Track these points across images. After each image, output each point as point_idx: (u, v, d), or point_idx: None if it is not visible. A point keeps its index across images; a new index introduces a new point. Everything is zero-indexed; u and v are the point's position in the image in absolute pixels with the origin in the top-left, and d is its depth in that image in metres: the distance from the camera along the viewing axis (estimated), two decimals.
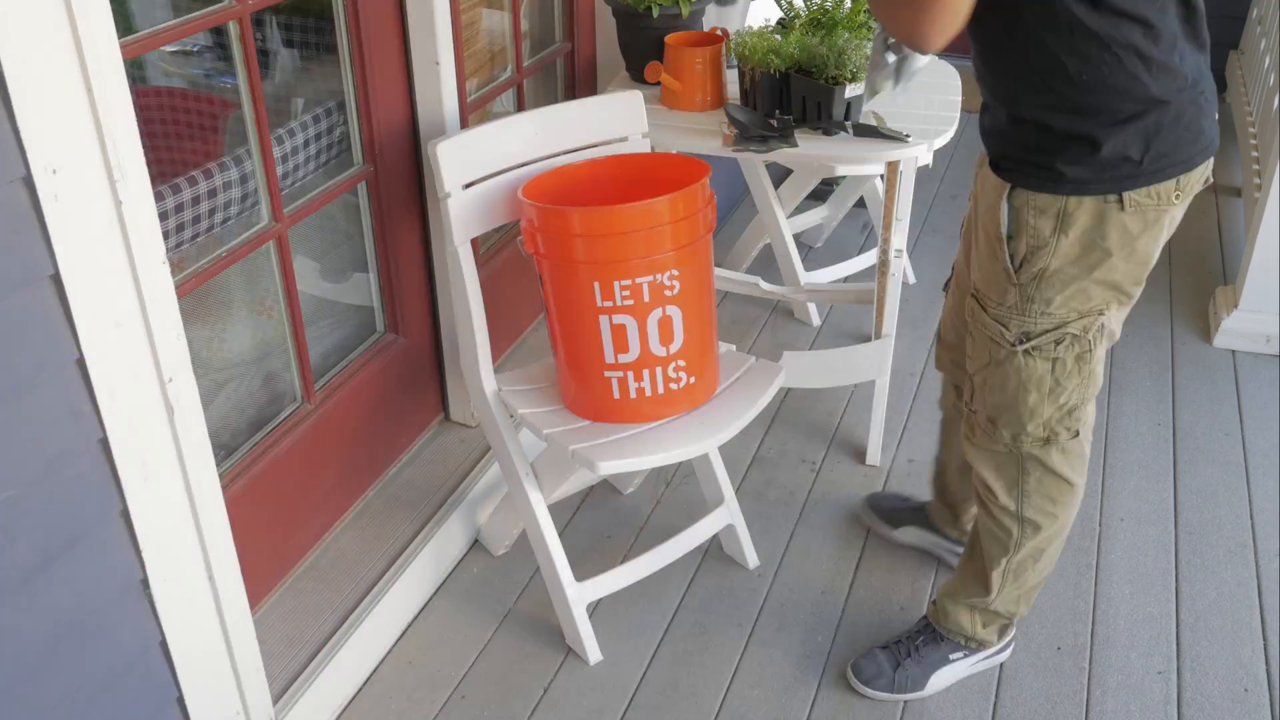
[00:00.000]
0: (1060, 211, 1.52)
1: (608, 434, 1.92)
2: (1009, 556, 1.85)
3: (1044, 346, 1.63)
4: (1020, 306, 1.62)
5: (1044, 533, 1.82)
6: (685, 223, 1.81)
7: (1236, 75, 4.53)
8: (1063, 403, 1.69)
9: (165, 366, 1.37)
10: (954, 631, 1.99)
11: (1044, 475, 1.76)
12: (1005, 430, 1.73)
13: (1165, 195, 1.52)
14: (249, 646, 1.66)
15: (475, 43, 2.47)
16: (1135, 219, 1.52)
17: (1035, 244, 1.56)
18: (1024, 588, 1.91)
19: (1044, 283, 1.58)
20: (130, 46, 1.51)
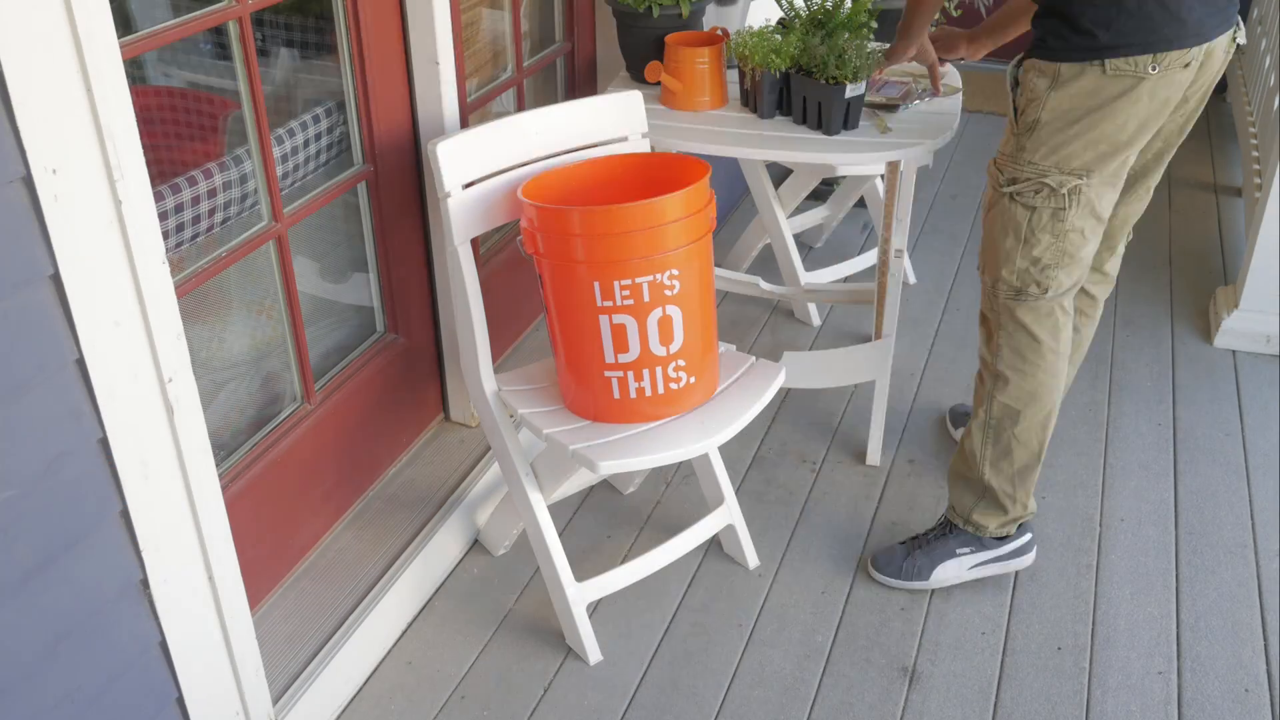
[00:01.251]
0: (1055, 73, 1.80)
1: (608, 434, 1.92)
2: (985, 409, 2.06)
3: (1025, 193, 1.87)
4: (1014, 154, 1.88)
5: (1012, 389, 2.01)
6: (685, 223, 1.81)
7: (1236, 75, 4.53)
8: (1036, 255, 1.90)
9: (165, 366, 1.37)
10: (956, 511, 2.17)
11: (1015, 329, 1.97)
12: (988, 275, 1.98)
13: (1142, 65, 1.76)
14: (249, 646, 1.66)
15: (475, 43, 2.47)
16: (1114, 82, 1.77)
17: (1031, 97, 1.83)
18: (1014, 465, 2.07)
19: (1034, 133, 1.84)
20: (130, 46, 1.51)
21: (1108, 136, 1.81)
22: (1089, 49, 1.76)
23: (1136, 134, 1.83)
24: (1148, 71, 1.76)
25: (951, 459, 2.20)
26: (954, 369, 2.94)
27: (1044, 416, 2.04)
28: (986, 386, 2.05)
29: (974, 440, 2.09)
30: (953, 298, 3.27)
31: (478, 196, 1.97)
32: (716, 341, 2.02)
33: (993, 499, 2.12)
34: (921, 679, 2.05)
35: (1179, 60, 1.77)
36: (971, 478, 2.12)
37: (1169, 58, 1.76)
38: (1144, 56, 1.75)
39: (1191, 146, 4.38)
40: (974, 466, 2.10)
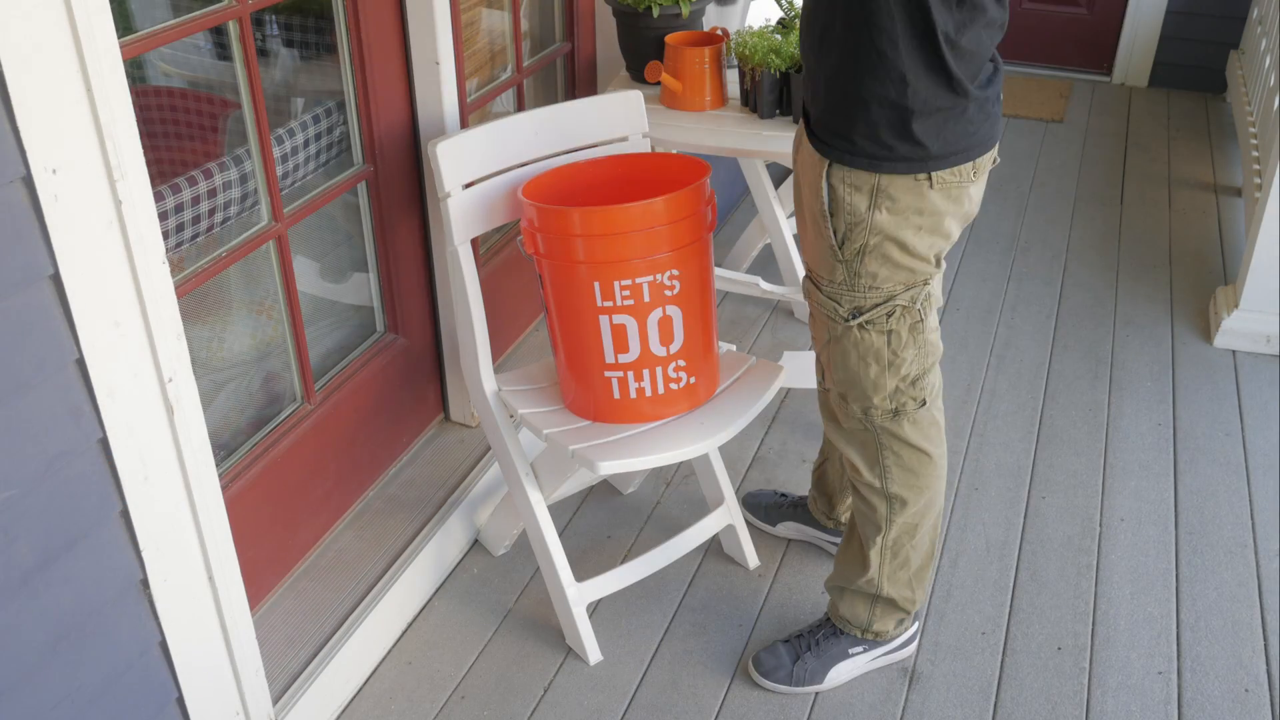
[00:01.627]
0: (873, 187, 1.59)
1: (608, 434, 1.92)
2: (882, 534, 1.88)
3: (876, 320, 1.69)
4: (849, 282, 1.67)
5: (911, 507, 1.86)
6: (685, 223, 1.81)
7: (1236, 75, 4.53)
8: (904, 374, 1.74)
9: (165, 366, 1.37)
10: (850, 623, 2.01)
11: (901, 448, 1.81)
12: (855, 405, 1.78)
13: (964, 174, 1.61)
14: (249, 646, 1.66)
15: (475, 43, 2.47)
16: (941, 196, 1.61)
17: (853, 220, 1.61)
18: (911, 570, 1.94)
19: (867, 257, 1.63)
20: (130, 46, 1.51)
21: (937, 243, 1.66)
22: (915, 160, 1.56)
23: (963, 225, 1.70)
24: (970, 178, 1.62)
25: (830, 577, 2.02)
26: (954, 369, 2.94)
27: (936, 518, 1.92)
28: (880, 512, 1.86)
29: (870, 565, 1.91)
30: (952, 298, 3.27)
31: (478, 196, 1.97)
32: (716, 341, 2.02)
33: (890, 605, 1.97)
34: (921, 679, 2.05)
35: (989, 160, 1.66)
36: (865, 593, 1.96)
37: (984, 161, 1.64)
38: (966, 165, 1.60)
39: (1191, 146, 4.39)
40: (869, 584, 1.94)
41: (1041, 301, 3.27)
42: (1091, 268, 3.46)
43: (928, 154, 1.56)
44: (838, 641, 2.02)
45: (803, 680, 2.00)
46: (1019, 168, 4.16)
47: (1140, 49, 4.94)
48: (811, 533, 2.32)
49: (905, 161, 1.56)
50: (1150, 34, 4.89)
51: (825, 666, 2.01)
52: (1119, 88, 5.01)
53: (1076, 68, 5.13)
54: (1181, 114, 4.71)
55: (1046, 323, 3.17)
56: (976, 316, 3.19)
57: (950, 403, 2.80)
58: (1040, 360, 2.99)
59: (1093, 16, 5.01)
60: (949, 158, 1.58)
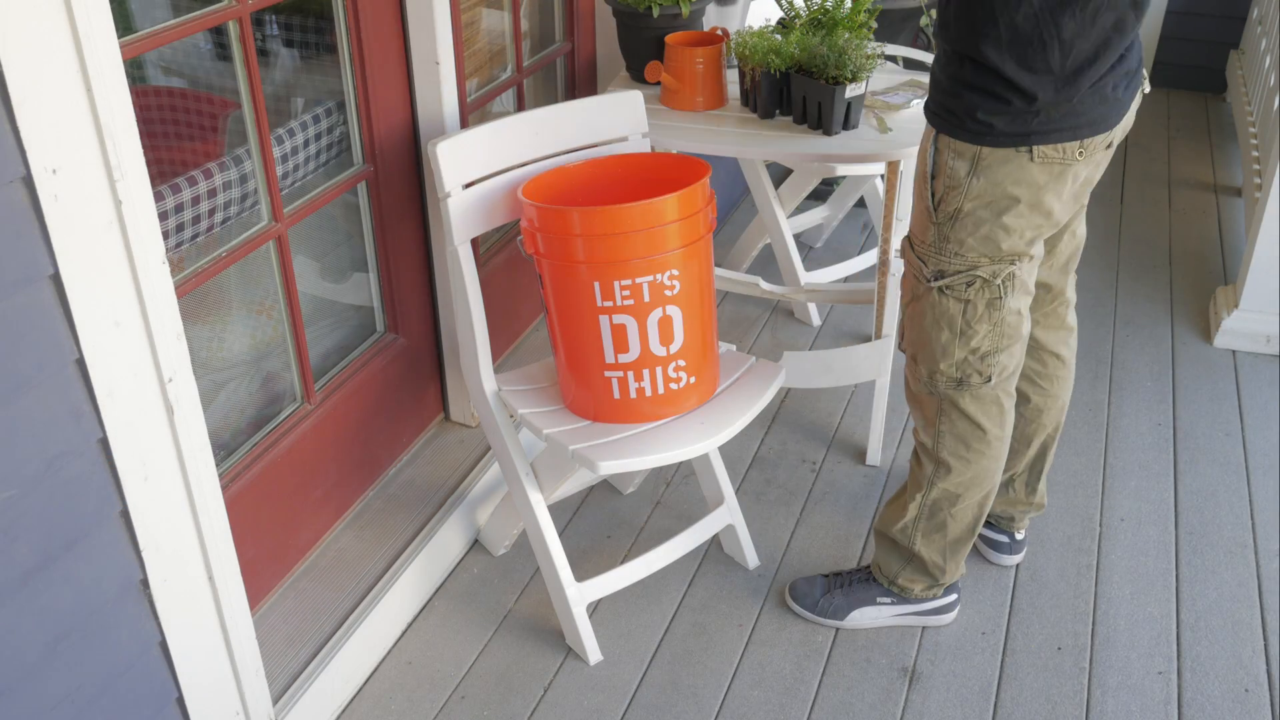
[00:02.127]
0: (975, 157, 1.65)
1: (608, 434, 1.92)
2: (923, 493, 1.96)
3: (956, 286, 1.74)
4: (937, 244, 1.73)
5: (955, 477, 1.92)
6: (685, 223, 1.81)
7: (1236, 75, 4.53)
8: (974, 346, 1.79)
9: (165, 366, 1.37)
10: (882, 571, 2.09)
11: (957, 418, 1.86)
12: (923, 366, 1.84)
13: (1070, 151, 1.65)
14: (249, 646, 1.66)
15: (475, 43, 2.47)
16: (1042, 170, 1.65)
17: (951, 184, 1.68)
18: (947, 538, 1.99)
19: (958, 223, 1.70)
20: (130, 46, 1.51)
21: (1035, 223, 1.70)
22: (1016, 134, 1.61)
23: (1064, 213, 1.73)
24: (1075, 158, 1.66)
25: (877, 519, 2.09)
26: None
27: (983, 496, 1.96)
28: (926, 471, 1.94)
29: (907, 513, 1.99)
30: None
31: (478, 196, 1.97)
32: (716, 341, 2.02)
33: (920, 567, 2.04)
34: (921, 679, 2.05)
35: (1103, 143, 1.68)
36: (900, 543, 2.03)
37: (1094, 142, 1.67)
38: (1072, 144, 1.64)
39: (1191, 146, 4.39)
40: (904, 534, 2.01)
41: None
42: (1091, 268, 3.46)
43: (1026, 127, 1.61)
44: (869, 587, 2.11)
45: (826, 612, 2.11)
46: None
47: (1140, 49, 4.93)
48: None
49: (1006, 135, 1.62)
50: (1150, 34, 4.89)
51: (850, 605, 2.10)
52: None
53: None
54: (1181, 114, 4.71)
55: None
56: None
57: None
58: None
59: None
60: (1052, 134, 1.62)
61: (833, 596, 2.11)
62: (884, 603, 2.10)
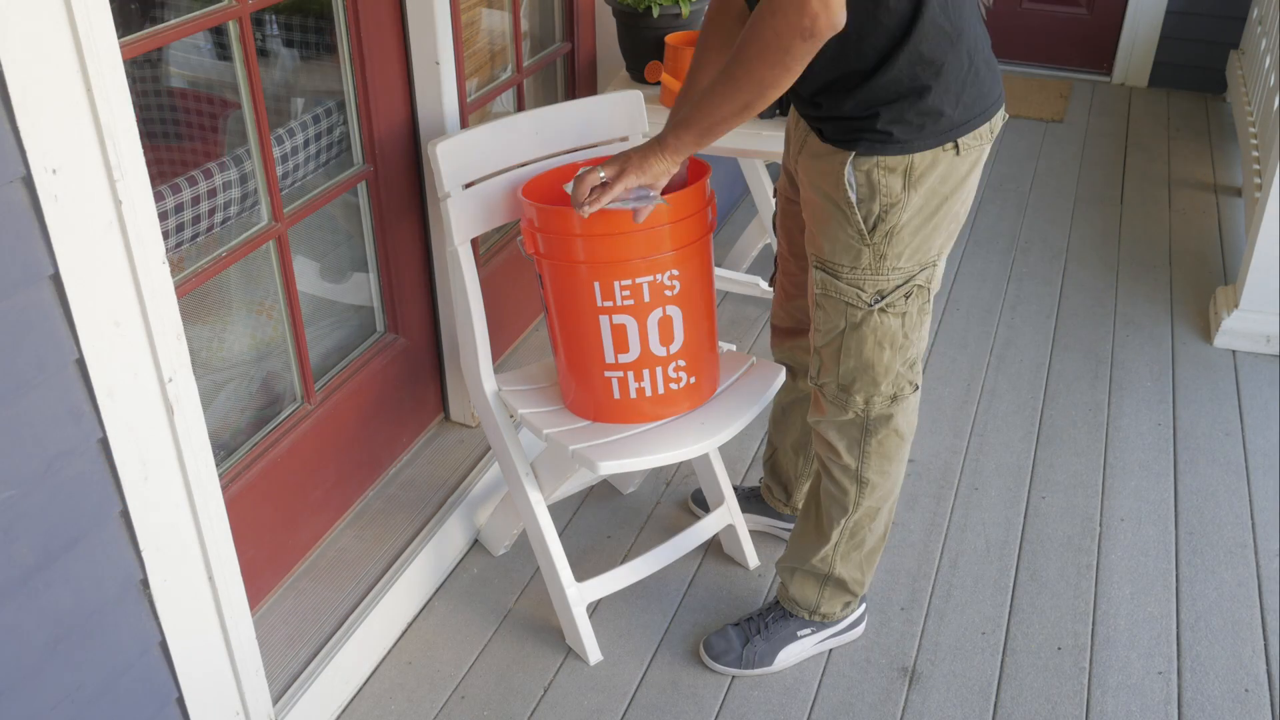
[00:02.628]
0: (907, 168, 1.61)
1: (608, 434, 1.92)
2: (847, 515, 1.92)
3: (895, 302, 1.71)
4: (874, 266, 1.68)
5: (878, 491, 1.90)
6: (685, 223, 1.81)
7: (1236, 75, 4.53)
8: (909, 356, 1.78)
9: (165, 366, 1.37)
10: (799, 605, 2.05)
11: (887, 435, 1.84)
12: (859, 395, 1.79)
13: (983, 134, 1.65)
14: (249, 646, 1.66)
15: (475, 43, 2.47)
16: (964, 161, 1.64)
17: (888, 202, 1.63)
18: (863, 552, 1.98)
19: (895, 239, 1.66)
20: (130, 46, 1.51)
21: (958, 214, 1.70)
22: (941, 132, 1.60)
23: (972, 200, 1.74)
24: (988, 137, 1.66)
25: (782, 558, 2.07)
26: (954, 369, 2.94)
27: (894, 500, 1.95)
28: (850, 494, 1.89)
29: (828, 542, 1.95)
30: (952, 297, 3.27)
31: (478, 196, 1.97)
32: (716, 342, 2.02)
33: (840, 587, 2.02)
34: (921, 679, 2.05)
35: (1000, 119, 1.70)
36: (818, 571, 2.00)
37: (996, 118, 1.68)
38: (984, 125, 1.64)
39: (1191, 146, 4.39)
40: (824, 563, 1.98)
41: (1041, 301, 3.27)
42: (1091, 268, 3.46)
43: (950, 122, 1.59)
44: (786, 624, 2.06)
45: (752, 663, 2.05)
46: (1019, 168, 4.16)
47: (1140, 49, 4.94)
48: (768, 522, 2.35)
49: (934, 136, 1.60)
50: (1150, 34, 4.89)
51: (774, 649, 2.05)
52: (1119, 88, 5.01)
53: (1076, 68, 5.13)
54: (1181, 114, 4.71)
55: (1046, 323, 3.17)
56: (976, 316, 3.19)
57: (950, 403, 2.81)
58: (1040, 360, 2.99)
59: (1093, 16, 5.01)
60: (970, 123, 1.62)
61: (754, 645, 2.04)
62: (805, 634, 2.06)
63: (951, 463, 2.59)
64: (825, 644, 2.08)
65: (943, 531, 2.39)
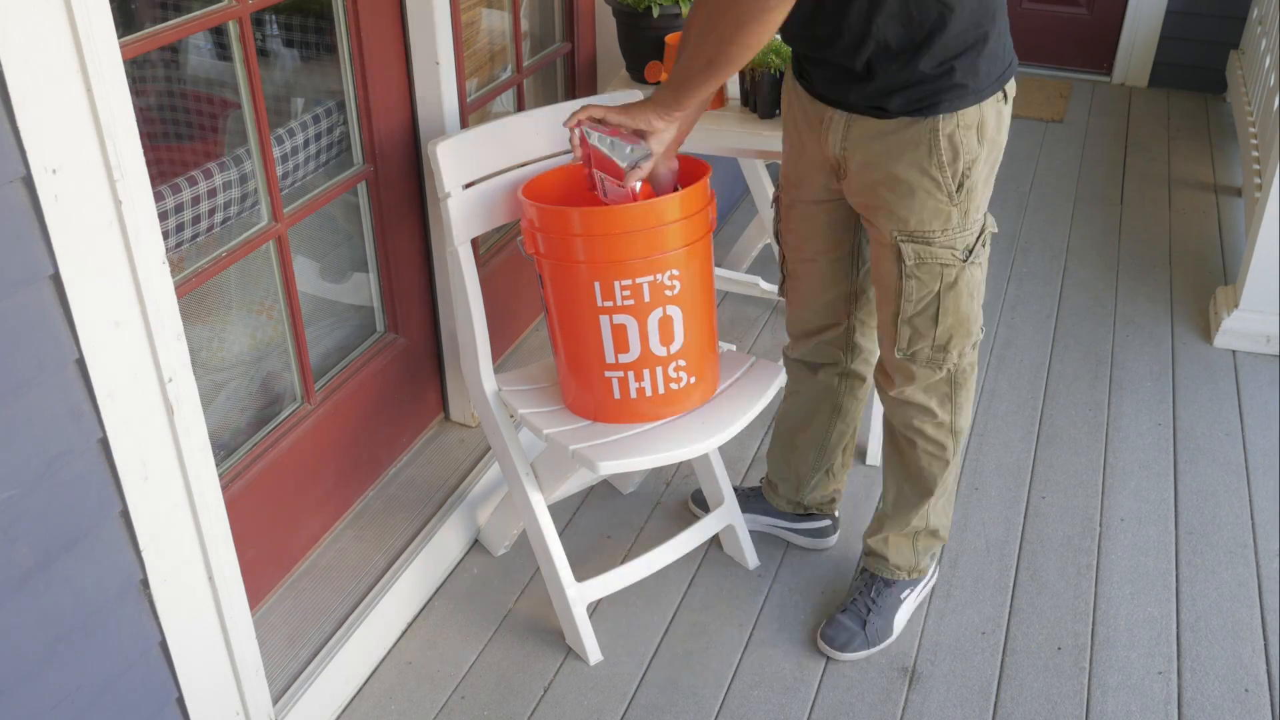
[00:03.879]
0: (979, 121, 1.68)
1: (608, 434, 1.92)
2: (949, 469, 1.99)
3: (978, 253, 1.79)
4: (961, 223, 1.75)
5: (965, 435, 1.99)
6: (685, 223, 1.81)
7: (1236, 75, 4.53)
8: (982, 302, 1.86)
9: (165, 366, 1.37)
10: (900, 569, 2.11)
11: (968, 380, 1.91)
12: (954, 350, 1.85)
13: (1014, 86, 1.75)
14: (249, 646, 1.66)
15: (475, 43, 2.47)
16: (1008, 107, 1.73)
17: (970, 158, 1.70)
18: (949, 495, 2.07)
19: (973, 193, 1.74)
20: (130, 46, 1.51)
21: (999, 162, 1.79)
22: (998, 77, 1.68)
23: None
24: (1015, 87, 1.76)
25: (871, 532, 2.12)
26: None
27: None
28: (949, 448, 1.95)
29: (930, 499, 2.02)
30: None
31: (478, 196, 1.97)
32: (717, 341, 2.02)
33: (932, 537, 2.09)
34: (921, 679, 2.05)
35: None
36: (914, 531, 2.06)
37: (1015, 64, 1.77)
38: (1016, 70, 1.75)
39: (1192, 146, 4.39)
40: (921, 519, 2.04)
41: (1041, 301, 3.27)
42: (1091, 268, 3.46)
43: (1003, 68, 1.68)
44: (890, 591, 2.12)
45: (878, 640, 2.10)
46: (1019, 168, 4.16)
47: (1140, 49, 4.94)
48: (768, 521, 2.35)
49: (995, 83, 1.67)
50: (1150, 34, 4.89)
51: (890, 619, 2.11)
52: (1119, 88, 5.01)
53: (1076, 68, 5.13)
54: (1181, 114, 4.71)
55: (1046, 323, 3.17)
56: None
57: None
58: (1040, 360, 2.99)
59: (1093, 16, 5.01)
60: (1008, 70, 1.70)
61: (872, 623, 2.09)
62: (907, 595, 2.14)
63: None
64: (920, 596, 2.16)
65: None
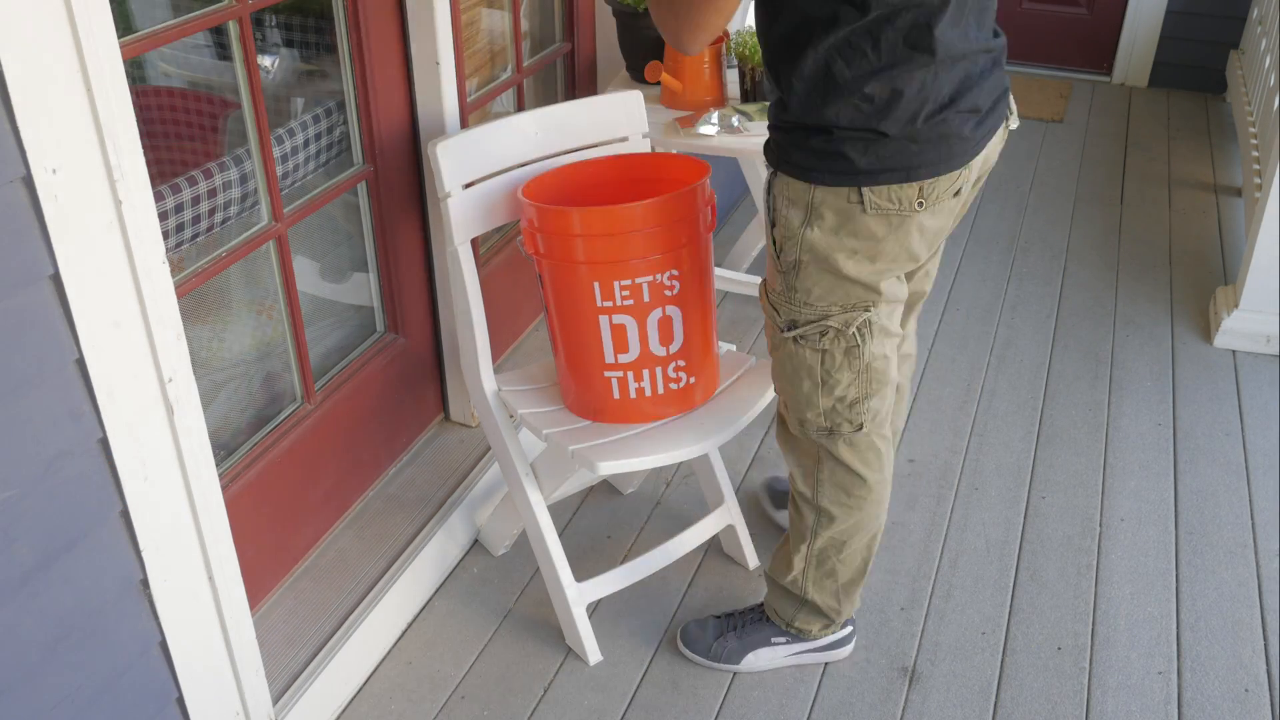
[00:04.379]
0: (808, 203, 1.53)
1: (608, 434, 1.92)
2: (807, 543, 1.89)
3: (809, 336, 1.64)
4: (786, 294, 1.63)
5: (839, 524, 1.84)
6: (685, 223, 1.81)
7: (1236, 75, 4.53)
8: (839, 395, 1.69)
9: (165, 366, 1.37)
10: (778, 615, 2.03)
11: (834, 466, 1.78)
12: (793, 415, 1.76)
13: (907, 200, 1.51)
14: (249, 646, 1.66)
15: (475, 43, 2.47)
16: (878, 222, 1.52)
17: (786, 232, 1.58)
18: (838, 582, 1.93)
19: (801, 272, 1.59)
20: (130, 46, 1.51)
21: (878, 269, 1.57)
22: (839, 172, 1.49)
23: (915, 257, 1.60)
24: (913, 208, 1.51)
25: (770, 563, 2.02)
26: (953, 369, 2.94)
27: (870, 539, 1.89)
28: (808, 521, 1.86)
29: (794, 567, 1.92)
30: (952, 297, 3.27)
31: (478, 196, 1.97)
32: (716, 342, 2.02)
33: (815, 610, 1.98)
34: (921, 679, 2.05)
35: (950, 188, 1.54)
36: (792, 592, 1.97)
37: (938, 187, 1.52)
38: (909, 187, 1.49)
39: (1191, 146, 4.39)
40: (795, 585, 1.95)
41: (1041, 301, 3.27)
42: (1091, 268, 3.46)
43: (854, 168, 1.48)
44: (762, 628, 2.04)
45: (719, 657, 2.04)
46: (1019, 168, 4.16)
47: (1140, 49, 4.94)
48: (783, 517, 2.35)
49: (835, 175, 1.50)
50: (1150, 34, 4.89)
51: (744, 649, 2.04)
52: (1119, 88, 5.01)
53: (1076, 68, 5.13)
54: (1181, 114, 4.71)
55: (1046, 323, 3.17)
56: (976, 316, 3.19)
57: (950, 403, 2.81)
58: (1040, 360, 2.99)
59: (1093, 16, 5.01)
60: (881, 174, 1.49)
61: (725, 640, 2.04)
62: (779, 643, 2.03)
63: (951, 463, 2.59)
64: (801, 658, 2.05)
65: (943, 531, 2.39)
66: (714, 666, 2.05)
